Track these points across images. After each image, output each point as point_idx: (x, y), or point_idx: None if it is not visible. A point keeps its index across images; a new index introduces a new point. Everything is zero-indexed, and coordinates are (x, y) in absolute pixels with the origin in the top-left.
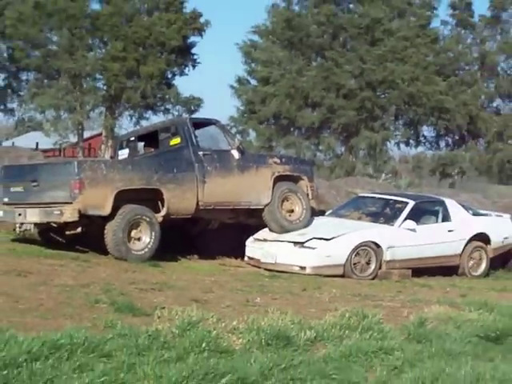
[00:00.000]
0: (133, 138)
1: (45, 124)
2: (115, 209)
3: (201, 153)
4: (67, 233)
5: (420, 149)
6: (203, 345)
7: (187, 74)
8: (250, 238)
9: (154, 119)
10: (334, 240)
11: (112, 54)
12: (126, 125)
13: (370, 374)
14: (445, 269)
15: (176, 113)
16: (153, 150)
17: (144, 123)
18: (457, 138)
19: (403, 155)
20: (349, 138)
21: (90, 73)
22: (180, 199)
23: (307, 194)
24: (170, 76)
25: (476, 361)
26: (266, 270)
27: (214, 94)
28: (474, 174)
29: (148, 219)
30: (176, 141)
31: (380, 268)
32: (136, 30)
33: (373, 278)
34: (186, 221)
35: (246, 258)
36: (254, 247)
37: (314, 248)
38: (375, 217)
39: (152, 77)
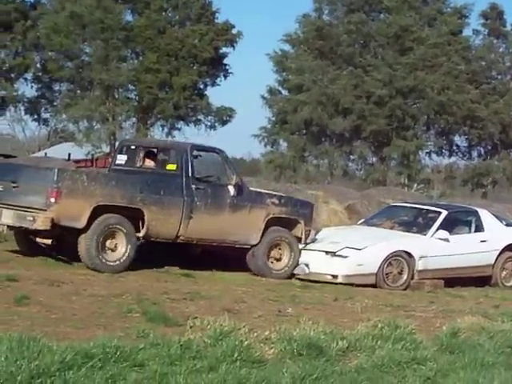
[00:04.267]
0: (134, 147)
1: (77, 135)
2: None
3: (193, 186)
4: (38, 240)
5: (452, 158)
6: (235, 355)
7: (219, 85)
8: None
9: (186, 130)
10: (366, 249)
11: (145, 66)
12: (158, 135)
13: None
14: (478, 279)
15: (208, 123)
16: (152, 164)
17: (176, 134)
18: (489, 147)
19: (435, 165)
20: (380, 148)
21: (123, 84)
22: (161, 224)
23: (301, 239)
24: (202, 87)
25: (509, 372)
26: (297, 279)
27: (247, 104)
28: (507, 184)
29: (124, 230)
30: (172, 167)
31: (412, 278)
32: (169, 41)
33: (405, 289)
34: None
35: None
36: None
37: (346, 257)
38: (408, 226)
39: (185, 88)
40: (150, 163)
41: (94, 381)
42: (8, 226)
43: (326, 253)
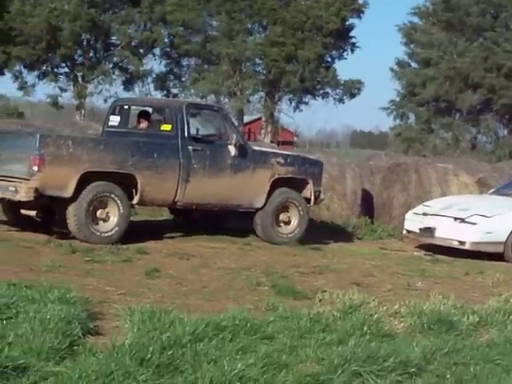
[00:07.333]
0: (127, 107)
1: None
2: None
3: (190, 147)
4: (22, 212)
5: None
6: (364, 328)
7: (346, 58)
8: (410, 212)
9: (313, 103)
10: (495, 217)
11: (271, 39)
12: (285, 109)
13: None
14: None
15: (336, 96)
16: (147, 125)
17: (303, 108)
18: None
19: None
20: (511, 120)
21: (249, 58)
22: (156, 189)
23: (310, 200)
24: (328, 60)
25: None
26: (425, 254)
27: (374, 77)
28: None
29: (116, 198)
30: (166, 127)
31: None
32: (294, 14)
33: None
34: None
35: (404, 232)
36: (413, 221)
37: (475, 224)
38: None
39: (309, 61)
40: (144, 124)
41: (225, 352)
42: None
43: (455, 219)
